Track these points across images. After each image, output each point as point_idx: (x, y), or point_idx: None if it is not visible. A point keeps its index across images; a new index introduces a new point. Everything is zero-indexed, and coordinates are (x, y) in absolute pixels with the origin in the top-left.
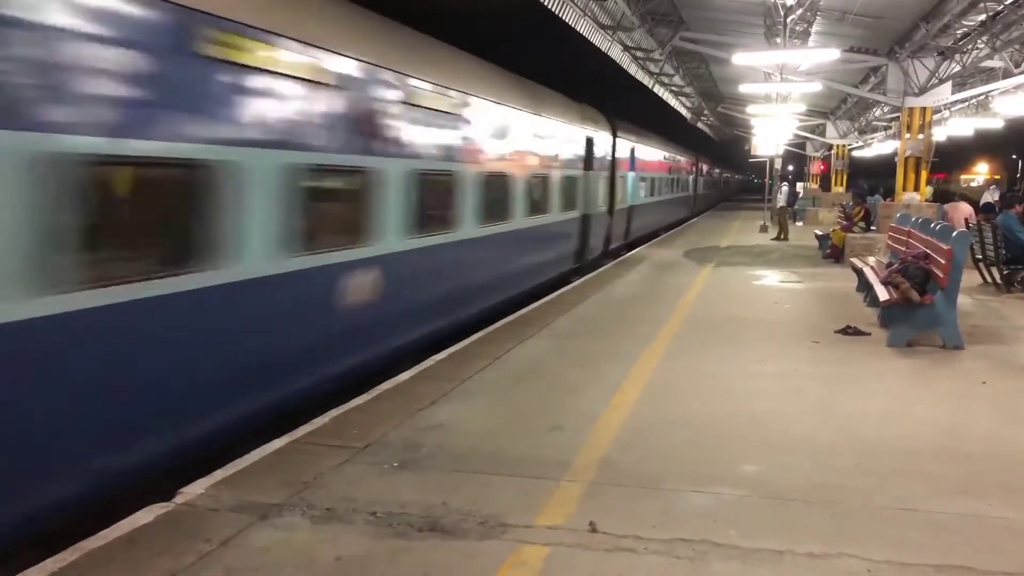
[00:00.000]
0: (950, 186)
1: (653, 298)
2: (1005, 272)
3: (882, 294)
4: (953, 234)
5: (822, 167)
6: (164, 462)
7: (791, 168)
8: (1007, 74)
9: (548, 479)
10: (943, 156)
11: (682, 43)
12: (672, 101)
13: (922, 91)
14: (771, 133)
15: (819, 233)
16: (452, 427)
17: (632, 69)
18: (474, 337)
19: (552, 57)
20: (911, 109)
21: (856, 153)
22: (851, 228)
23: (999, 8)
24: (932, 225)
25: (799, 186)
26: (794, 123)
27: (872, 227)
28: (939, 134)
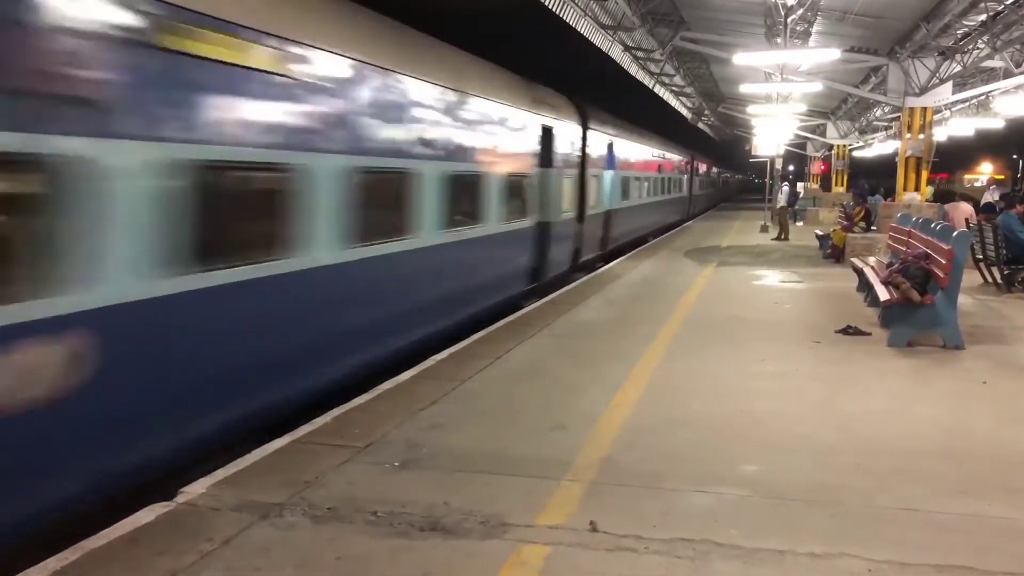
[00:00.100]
0: (953, 186)
1: (653, 298)
2: (1006, 272)
3: (882, 294)
4: (954, 234)
5: (823, 167)
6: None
7: (791, 168)
8: (1008, 74)
9: (549, 479)
10: (945, 156)
11: (683, 43)
12: (673, 101)
13: (923, 91)
14: (772, 133)
15: (820, 233)
16: (453, 427)
17: (633, 69)
18: (475, 337)
19: (552, 57)
20: (911, 109)
21: (857, 153)
22: (852, 228)
23: (1000, 8)
24: (933, 225)
25: (800, 186)
26: (795, 123)
27: (873, 227)
28: (940, 134)
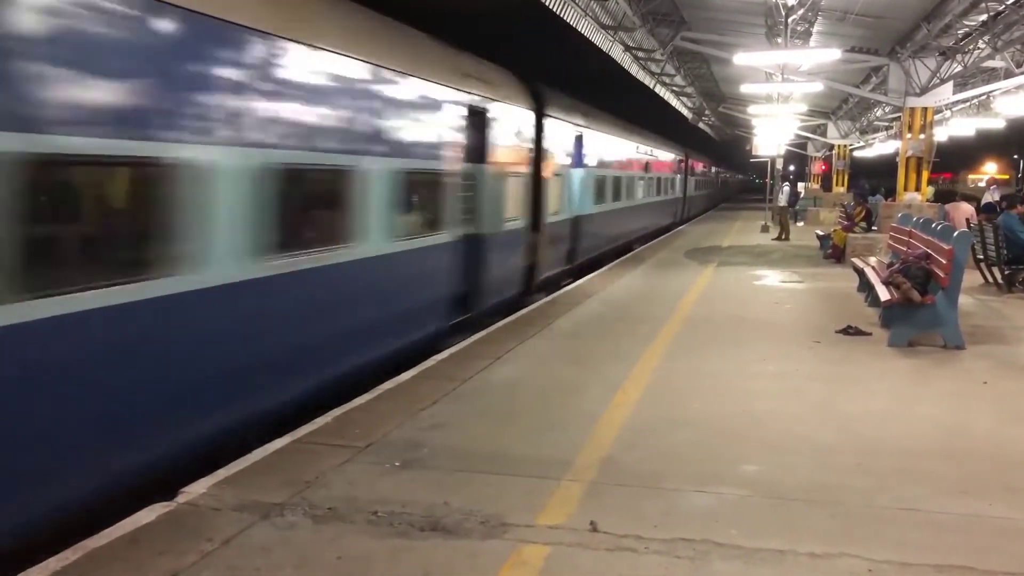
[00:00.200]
0: (956, 186)
1: (654, 298)
2: (1006, 272)
3: (883, 294)
4: (954, 234)
5: (823, 167)
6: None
7: (792, 168)
8: (1008, 74)
9: (549, 478)
10: (949, 156)
11: (683, 43)
12: (673, 101)
13: (923, 91)
14: (772, 133)
15: (820, 233)
16: (454, 426)
17: (634, 69)
18: (475, 337)
19: (553, 57)
20: (912, 109)
21: (857, 153)
22: (852, 228)
23: (1000, 8)
24: (933, 225)
25: (800, 186)
26: (795, 123)
27: (873, 227)
28: (940, 134)
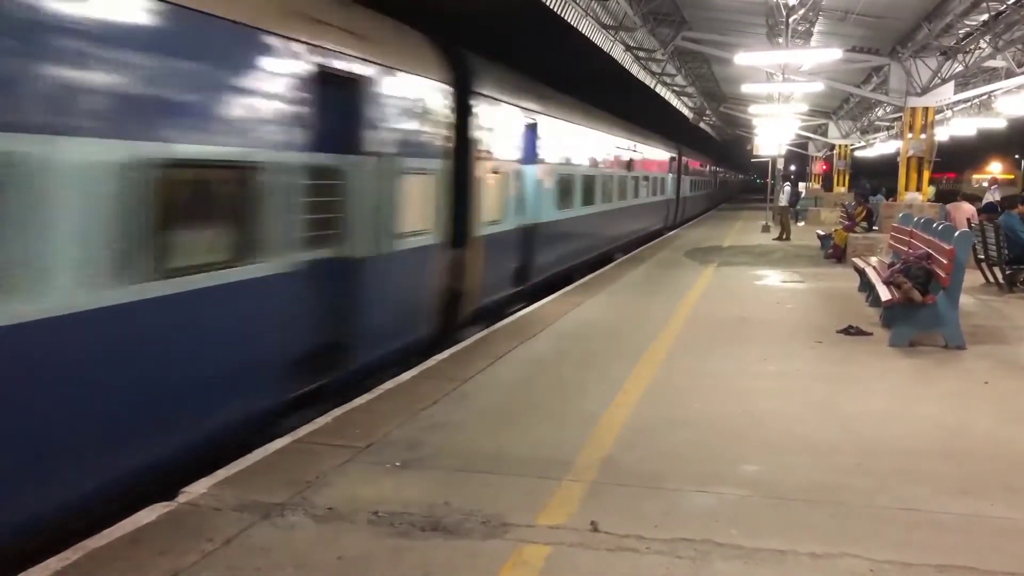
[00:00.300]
0: (961, 186)
1: (656, 298)
2: (1007, 272)
3: (884, 294)
4: (955, 234)
5: (824, 167)
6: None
7: (793, 168)
8: (1009, 74)
9: (550, 478)
10: (952, 155)
11: (684, 43)
12: (674, 101)
13: (924, 91)
14: (773, 133)
15: (821, 233)
16: (454, 426)
17: (634, 69)
18: (476, 337)
19: (553, 57)
20: (913, 109)
21: (858, 153)
22: (853, 228)
23: (1001, 8)
24: (934, 225)
25: (801, 186)
26: (796, 123)
27: (874, 227)
28: (941, 134)
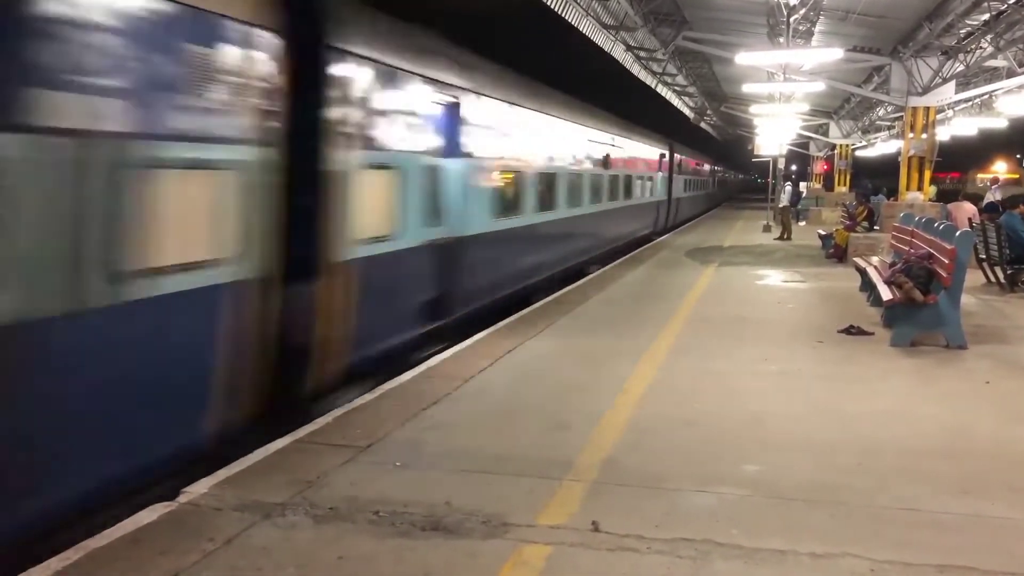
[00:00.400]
0: (965, 186)
1: (656, 297)
2: (1009, 272)
3: (885, 294)
4: (956, 234)
5: (825, 167)
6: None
7: (794, 168)
8: (1011, 73)
9: (551, 478)
10: (956, 155)
11: (685, 43)
12: (675, 101)
13: (925, 91)
14: (774, 133)
15: (822, 233)
16: (455, 426)
17: (635, 69)
18: (477, 336)
19: (554, 57)
20: (914, 109)
21: (859, 153)
22: (854, 228)
23: (1002, 7)
24: (936, 225)
25: (802, 186)
26: (797, 123)
27: (875, 227)
28: (942, 133)
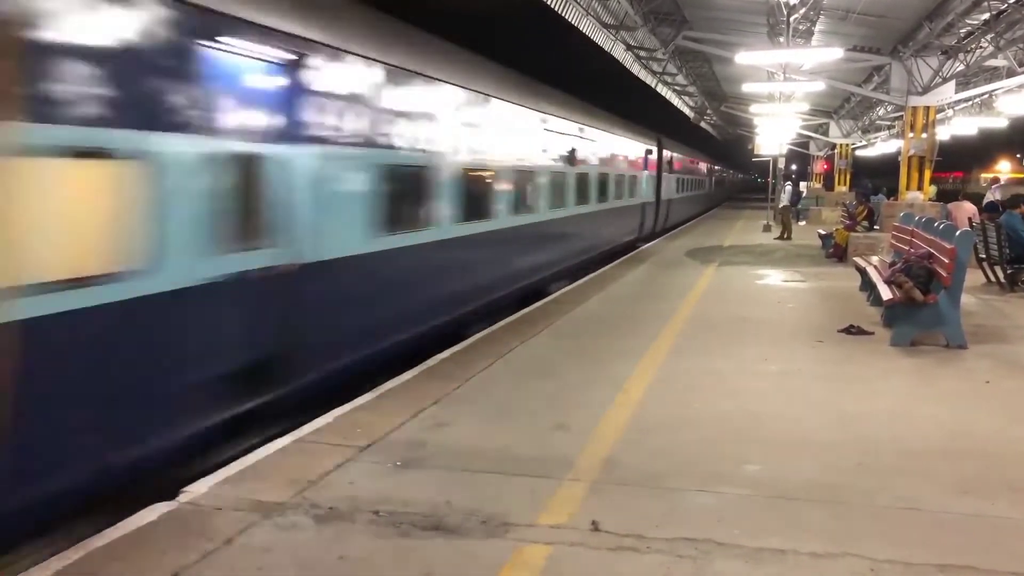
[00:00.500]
0: (968, 185)
1: (657, 297)
2: (1008, 272)
3: (885, 293)
4: (956, 233)
5: (825, 166)
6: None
7: (794, 167)
8: (1011, 73)
9: (552, 478)
10: (956, 155)
11: (685, 42)
12: (675, 100)
13: (925, 90)
14: (774, 132)
15: (822, 232)
16: (456, 426)
17: (635, 69)
18: (477, 336)
19: (554, 57)
20: (914, 108)
21: (859, 152)
22: (854, 227)
23: (1002, 7)
24: (936, 224)
25: (802, 185)
26: (797, 122)
27: (875, 226)
28: (943, 133)
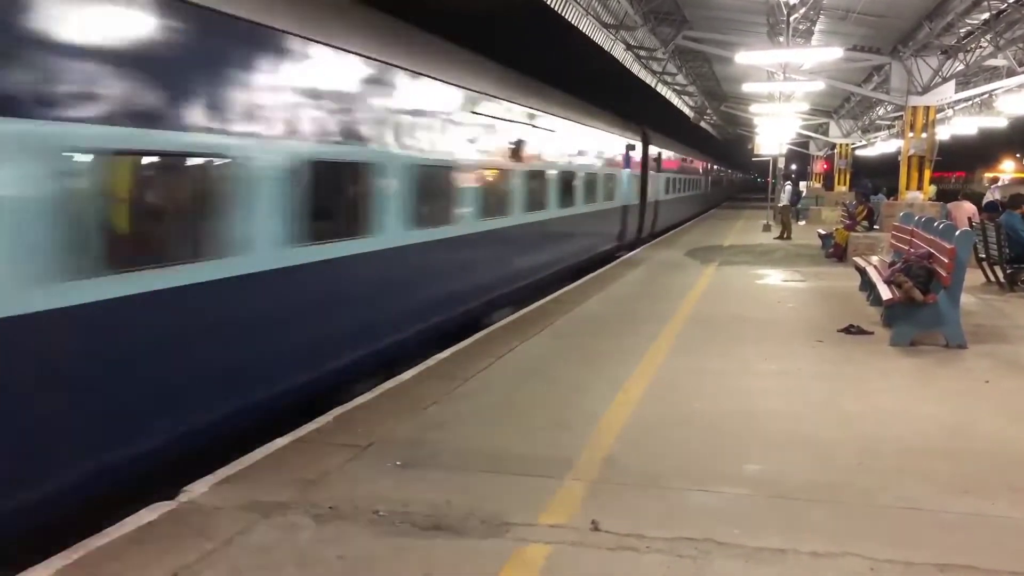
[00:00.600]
0: (972, 185)
1: (656, 297)
2: (1008, 271)
3: (885, 293)
4: (956, 233)
5: (825, 166)
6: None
7: (794, 167)
8: (1010, 72)
9: (551, 478)
10: (958, 154)
11: (685, 42)
12: (675, 100)
13: (925, 90)
14: (774, 132)
15: (822, 232)
16: (456, 425)
17: (635, 68)
18: (477, 336)
19: (554, 56)
20: (914, 108)
21: (859, 152)
22: (854, 227)
23: (1002, 6)
24: (935, 224)
25: (802, 185)
26: (797, 122)
27: (875, 226)
28: (942, 133)
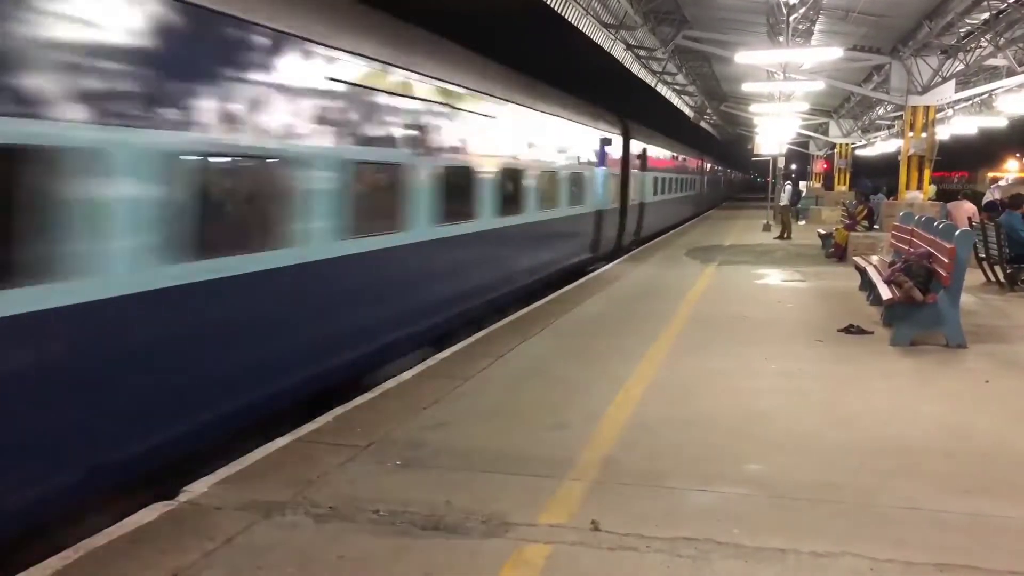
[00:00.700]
0: (975, 185)
1: (657, 297)
2: (1008, 271)
3: (885, 293)
4: (956, 233)
5: (825, 166)
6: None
7: (794, 167)
8: (1010, 72)
9: (552, 477)
10: (959, 154)
11: (685, 42)
12: (675, 100)
13: (925, 90)
14: (774, 132)
15: (822, 232)
16: (455, 425)
17: (635, 68)
18: (477, 336)
19: (554, 56)
20: (914, 107)
21: (859, 152)
22: (854, 227)
23: (1002, 6)
24: (935, 224)
25: (802, 185)
26: (797, 122)
27: (875, 226)
28: (942, 133)
